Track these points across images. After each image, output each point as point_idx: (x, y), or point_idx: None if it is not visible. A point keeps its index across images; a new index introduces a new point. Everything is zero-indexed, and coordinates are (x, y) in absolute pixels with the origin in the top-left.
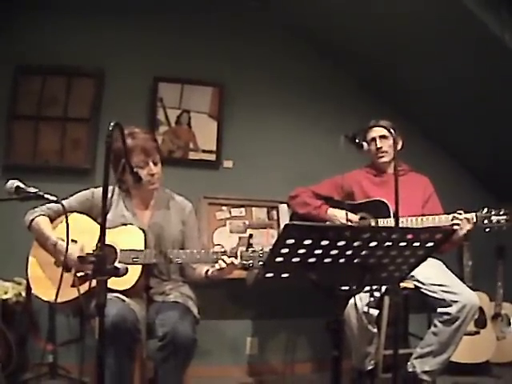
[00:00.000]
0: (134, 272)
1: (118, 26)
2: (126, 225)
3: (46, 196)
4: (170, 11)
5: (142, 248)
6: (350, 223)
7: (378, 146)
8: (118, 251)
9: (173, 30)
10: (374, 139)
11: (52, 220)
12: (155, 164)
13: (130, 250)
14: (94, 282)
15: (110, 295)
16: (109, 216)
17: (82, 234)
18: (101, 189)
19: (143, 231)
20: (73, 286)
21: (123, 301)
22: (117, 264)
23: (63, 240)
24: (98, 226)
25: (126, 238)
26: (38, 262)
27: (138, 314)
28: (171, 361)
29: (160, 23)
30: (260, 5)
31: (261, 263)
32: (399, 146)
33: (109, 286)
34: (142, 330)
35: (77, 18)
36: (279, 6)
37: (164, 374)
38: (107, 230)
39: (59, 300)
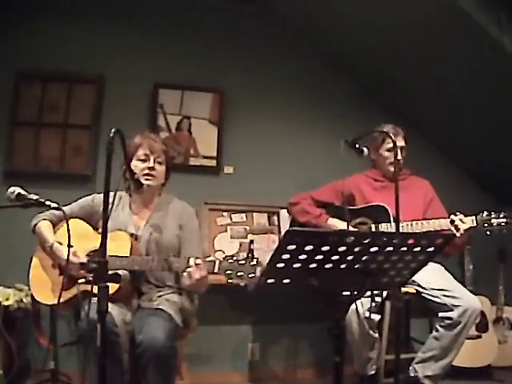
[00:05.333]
0: None
1: (119, 33)
2: (121, 230)
3: (47, 203)
4: (171, 18)
5: (128, 254)
6: None
7: (399, 157)
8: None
9: (173, 37)
10: (393, 148)
11: (54, 225)
12: (159, 164)
13: (116, 256)
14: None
15: (93, 300)
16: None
17: (77, 239)
18: (102, 195)
19: (135, 236)
20: (66, 289)
21: None
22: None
23: (60, 243)
24: (93, 232)
25: (113, 243)
26: (41, 264)
27: (115, 318)
28: (152, 368)
29: (160, 29)
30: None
31: (240, 274)
32: (404, 153)
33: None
34: (120, 334)
35: (77, 25)
36: (278, 11)
37: (150, 381)
38: (98, 236)
39: (52, 302)
